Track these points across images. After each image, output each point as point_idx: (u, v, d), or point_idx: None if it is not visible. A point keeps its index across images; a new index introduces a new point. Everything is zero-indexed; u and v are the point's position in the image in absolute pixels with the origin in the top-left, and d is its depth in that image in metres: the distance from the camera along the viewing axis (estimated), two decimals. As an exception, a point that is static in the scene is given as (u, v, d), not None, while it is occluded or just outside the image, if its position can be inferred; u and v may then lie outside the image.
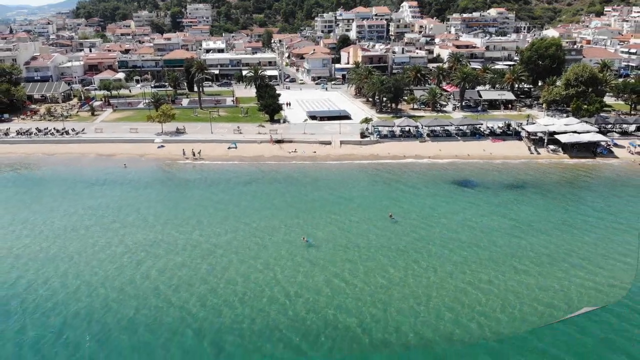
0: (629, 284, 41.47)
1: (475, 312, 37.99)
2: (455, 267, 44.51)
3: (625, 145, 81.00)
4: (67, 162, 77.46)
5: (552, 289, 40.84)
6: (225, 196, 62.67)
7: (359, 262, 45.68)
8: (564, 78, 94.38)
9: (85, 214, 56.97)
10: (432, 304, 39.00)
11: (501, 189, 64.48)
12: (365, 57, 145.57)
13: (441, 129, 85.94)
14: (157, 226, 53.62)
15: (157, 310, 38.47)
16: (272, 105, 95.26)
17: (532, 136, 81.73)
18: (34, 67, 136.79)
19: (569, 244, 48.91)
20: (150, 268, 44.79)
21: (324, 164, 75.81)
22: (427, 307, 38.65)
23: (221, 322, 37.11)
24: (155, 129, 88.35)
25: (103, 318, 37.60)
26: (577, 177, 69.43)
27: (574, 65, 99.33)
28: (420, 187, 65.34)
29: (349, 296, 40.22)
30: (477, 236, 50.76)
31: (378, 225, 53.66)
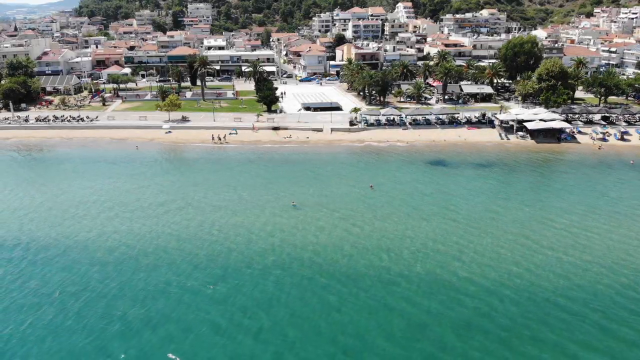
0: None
1: (414, 248, 46.88)
2: (409, 218, 54.32)
3: (588, 132, 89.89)
4: (84, 145, 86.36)
5: (477, 241, 49.66)
6: (227, 171, 71.50)
7: (334, 216, 54.63)
8: (537, 73, 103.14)
9: (109, 184, 65.82)
10: (378, 240, 49.27)
11: (468, 167, 73.56)
12: (358, 55, 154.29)
13: (422, 118, 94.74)
14: (172, 191, 62.49)
15: (176, 250, 47.17)
16: (269, 97, 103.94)
17: (504, 124, 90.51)
18: (45, 61, 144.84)
19: (511, 209, 57.72)
20: (171, 221, 53.55)
21: (316, 147, 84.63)
22: (379, 245, 48.29)
23: (229, 252, 45.79)
24: (162, 117, 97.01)
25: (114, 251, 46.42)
26: (536, 158, 78.43)
27: (545, 61, 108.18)
28: (398, 166, 74.32)
29: (318, 237, 48.96)
30: (437, 200, 59.93)
31: (359, 192, 62.48)
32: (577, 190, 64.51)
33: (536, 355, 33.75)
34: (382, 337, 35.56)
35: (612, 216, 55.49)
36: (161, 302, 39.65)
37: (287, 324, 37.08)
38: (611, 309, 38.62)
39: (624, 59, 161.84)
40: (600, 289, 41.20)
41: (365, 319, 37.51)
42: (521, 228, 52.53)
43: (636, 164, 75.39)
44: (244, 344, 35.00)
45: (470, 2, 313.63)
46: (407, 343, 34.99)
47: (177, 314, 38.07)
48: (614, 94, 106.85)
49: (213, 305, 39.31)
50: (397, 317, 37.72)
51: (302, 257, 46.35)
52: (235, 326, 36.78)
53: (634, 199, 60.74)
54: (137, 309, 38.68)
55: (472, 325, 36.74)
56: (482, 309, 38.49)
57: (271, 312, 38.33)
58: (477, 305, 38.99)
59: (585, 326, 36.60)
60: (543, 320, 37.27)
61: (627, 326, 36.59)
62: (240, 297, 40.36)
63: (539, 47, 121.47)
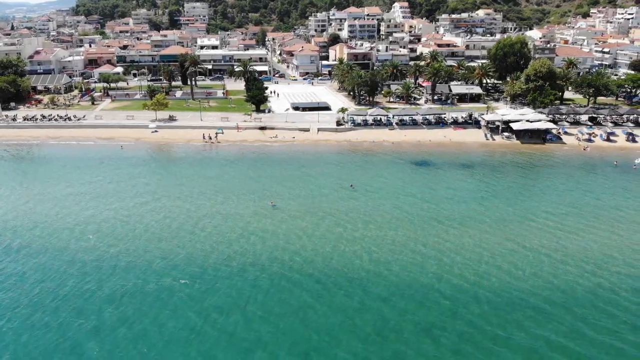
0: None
1: (392, 247, 46.92)
2: (388, 217, 54.62)
3: (574, 133, 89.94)
4: (69, 144, 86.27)
5: (457, 240, 49.70)
6: (208, 171, 71.47)
7: (313, 216, 54.71)
8: (525, 73, 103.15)
9: (88, 184, 65.71)
10: (356, 239, 49.55)
11: (451, 167, 73.62)
12: (350, 55, 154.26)
13: (409, 118, 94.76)
14: (152, 191, 62.45)
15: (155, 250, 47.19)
16: (257, 97, 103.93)
17: (490, 125, 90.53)
18: (37, 60, 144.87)
19: (492, 209, 57.76)
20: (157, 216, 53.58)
21: (301, 147, 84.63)
22: (356, 244, 48.13)
23: (206, 249, 45.82)
24: (150, 116, 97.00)
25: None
26: (520, 158, 78.41)
27: (534, 61, 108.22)
28: (382, 166, 74.36)
29: (295, 237, 49.00)
30: (418, 200, 59.92)
31: (340, 192, 62.47)
32: (560, 191, 64.56)
33: (509, 356, 33.81)
34: (355, 337, 35.58)
35: (594, 217, 55.56)
36: (138, 300, 39.80)
37: (262, 322, 37.19)
38: (585, 309, 38.65)
39: (617, 60, 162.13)
40: (577, 289, 41.21)
41: (340, 318, 37.51)
42: (501, 228, 52.58)
43: (620, 165, 75.43)
44: (219, 341, 35.22)
45: (467, 2, 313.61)
46: (380, 342, 35.01)
47: (153, 312, 38.25)
48: (602, 94, 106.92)
49: (189, 303, 39.39)
50: (372, 316, 37.69)
51: (279, 257, 46.28)
52: (209, 324, 36.92)
53: (615, 200, 60.79)
54: (113, 307, 38.92)
55: (446, 325, 36.78)
56: (457, 309, 38.45)
57: (247, 311, 38.47)
58: (452, 305, 38.99)
59: (558, 326, 36.62)
60: (517, 320, 37.30)
61: (600, 326, 36.70)
62: (217, 295, 40.48)
63: (528, 47, 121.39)
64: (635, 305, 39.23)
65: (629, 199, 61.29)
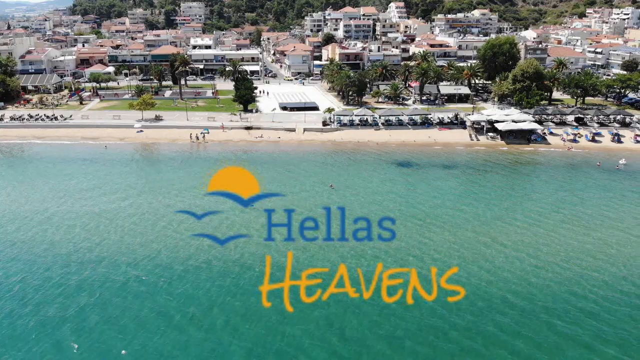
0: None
1: (367, 247, 46.88)
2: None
3: (560, 133, 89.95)
4: (54, 144, 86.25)
5: (437, 239, 49.74)
6: (188, 170, 71.53)
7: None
8: (512, 74, 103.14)
9: (67, 183, 65.83)
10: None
11: (434, 167, 73.69)
12: (342, 54, 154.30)
13: (395, 119, 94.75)
14: (131, 191, 62.56)
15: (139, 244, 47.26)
16: (245, 96, 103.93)
17: (476, 125, 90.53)
18: (29, 60, 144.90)
19: (472, 209, 57.78)
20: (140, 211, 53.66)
21: (286, 147, 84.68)
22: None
23: (184, 251, 45.99)
24: (136, 116, 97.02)
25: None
26: (504, 159, 78.41)
27: (521, 62, 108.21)
28: (365, 166, 74.37)
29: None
30: (397, 199, 59.89)
31: (319, 192, 62.45)
32: (540, 191, 64.77)
33: (487, 354, 33.96)
34: (310, 337, 35.64)
35: (574, 217, 55.59)
36: (118, 297, 40.25)
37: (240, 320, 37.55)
38: (561, 308, 38.79)
39: (610, 60, 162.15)
40: (550, 289, 41.26)
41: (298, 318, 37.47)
42: (479, 227, 52.62)
43: (603, 165, 75.44)
44: (195, 337, 35.62)
45: (463, 2, 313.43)
46: (339, 345, 35.11)
47: (133, 308, 38.77)
48: (590, 94, 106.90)
49: (167, 299, 39.88)
50: (335, 316, 37.72)
51: (256, 256, 46.32)
52: (187, 320, 37.50)
53: (596, 201, 60.76)
54: (94, 303, 39.44)
55: (422, 324, 36.95)
56: (435, 308, 38.33)
57: (224, 309, 38.88)
58: (428, 304, 38.65)
59: (534, 324, 36.84)
60: (494, 319, 37.41)
61: (575, 325, 36.93)
62: (181, 292, 40.72)
63: (517, 47, 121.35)
64: (604, 305, 39.32)
65: (610, 199, 61.18)
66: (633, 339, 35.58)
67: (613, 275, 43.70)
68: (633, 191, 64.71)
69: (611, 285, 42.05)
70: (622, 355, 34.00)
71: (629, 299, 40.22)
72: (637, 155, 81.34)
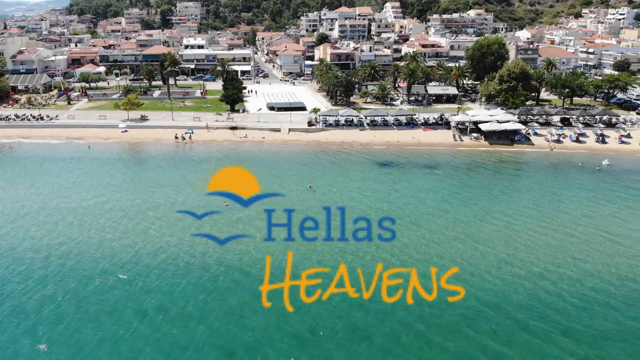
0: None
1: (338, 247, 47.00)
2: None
3: (545, 133, 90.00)
4: (38, 143, 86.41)
5: (413, 235, 49.85)
6: (168, 170, 71.69)
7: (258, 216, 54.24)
8: (498, 74, 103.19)
9: (46, 182, 66.02)
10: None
11: (415, 167, 73.81)
12: (333, 55, 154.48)
13: (380, 119, 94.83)
14: (111, 191, 62.71)
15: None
16: (232, 96, 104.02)
17: (460, 125, 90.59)
18: (20, 60, 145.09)
19: (449, 208, 57.90)
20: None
21: (269, 148, 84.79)
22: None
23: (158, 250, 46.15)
24: (122, 116, 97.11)
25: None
26: (486, 159, 78.47)
27: (507, 62, 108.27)
28: (347, 166, 74.46)
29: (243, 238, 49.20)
30: (374, 199, 59.94)
31: (297, 193, 62.48)
32: (519, 191, 64.98)
33: (458, 351, 34.20)
34: (281, 337, 35.82)
35: (549, 217, 55.66)
36: (96, 294, 40.74)
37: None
38: (534, 308, 39.00)
39: (602, 60, 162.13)
40: (519, 291, 41.31)
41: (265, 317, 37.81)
42: (455, 226, 52.80)
43: (585, 165, 75.49)
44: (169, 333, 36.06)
45: (459, 2, 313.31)
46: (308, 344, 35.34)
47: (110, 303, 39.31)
48: (577, 95, 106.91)
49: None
50: (303, 315, 37.71)
51: (227, 256, 46.53)
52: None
53: (575, 201, 60.82)
54: (71, 298, 40.02)
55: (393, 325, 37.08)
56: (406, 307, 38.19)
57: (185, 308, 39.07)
58: (396, 304, 38.57)
59: (507, 324, 37.09)
60: (468, 318, 37.63)
61: (548, 324, 37.13)
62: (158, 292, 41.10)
63: (506, 47, 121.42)
64: (573, 307, 39.42)
65: (590, 199, 61.22)
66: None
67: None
68: (613, 191, 64.79)
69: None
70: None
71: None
72: (620, 156, 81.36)
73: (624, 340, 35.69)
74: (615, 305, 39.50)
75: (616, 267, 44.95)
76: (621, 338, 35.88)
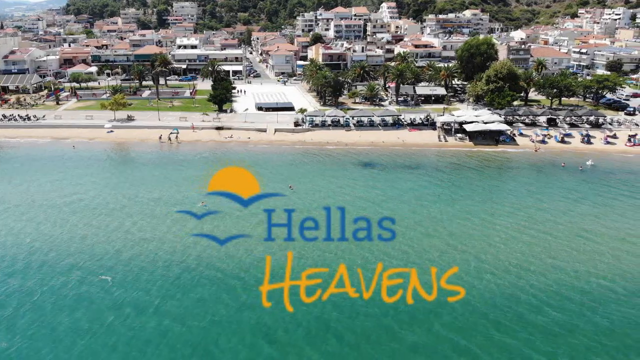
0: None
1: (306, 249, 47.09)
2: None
3: (530, 134, 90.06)
4: (25, 144, 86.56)
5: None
6: (150, 170, 71.86)
7: (238, 216, 54.70)
8: (486, 74, 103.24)
9: (28, 181, 66.24)
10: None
11: (397, 168, 73.94)
12: (325, 55, 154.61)
13: (367, 120, 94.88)
14: (91, 191, 62.90)
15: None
16: (219, 96, 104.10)
17: (446, 126, 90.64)
18: (12, 60, 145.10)
19: (424, 208, 58.01)
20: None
21: (254, 148, 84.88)
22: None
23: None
24: (109, 116, 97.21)
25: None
26: (470, 160, 78.51)
27: (494, 62, 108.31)
28: (329, 166, 74.65)
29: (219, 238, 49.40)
30: (353, 199, 60.09)
31: (278, 193, 62.41)
32: (501, 191, 65.28)
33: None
34: (262, 337, 36.16)
35: (527, 217, 55.87)
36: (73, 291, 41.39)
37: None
38: (504, 309, 39.19)
39: (595, 60, 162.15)
40: (496, 293, 41.47)
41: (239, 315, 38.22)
42: (433, 226, 53.04)
43: (567, 166, 75.56)
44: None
45: (455, 2, 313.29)
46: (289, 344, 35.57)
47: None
48: (564, 95, 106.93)
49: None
50: (276, 314, 37.74)
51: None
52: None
53: (554, 201, 60.91)
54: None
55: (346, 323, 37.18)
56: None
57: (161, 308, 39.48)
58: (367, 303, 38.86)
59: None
60: (443, 318, 37.82)
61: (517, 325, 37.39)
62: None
63: (495, 48, 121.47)
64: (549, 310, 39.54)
65: (569, 200, 61.27)
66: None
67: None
68: (593, 191, 64.90)
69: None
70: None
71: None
72: (605, 156, 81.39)
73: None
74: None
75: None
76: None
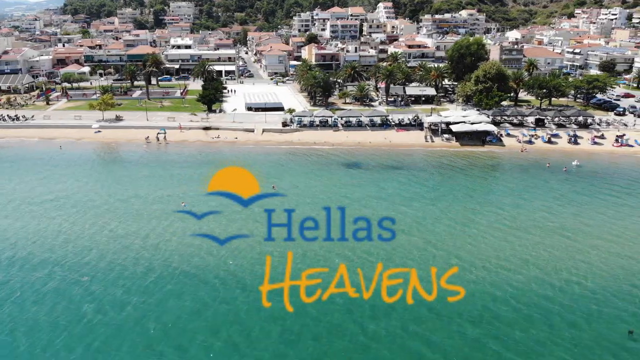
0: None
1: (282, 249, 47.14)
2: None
3: (517, 134, 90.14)
4: (12, 144, 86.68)
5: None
6: (135, 170, 72.08)
7: (221, 218, 54.75)
8: (474, 75, 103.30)
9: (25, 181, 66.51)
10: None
11: (382, 168, 74.14)
12: (318, 55, 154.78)
13: (355, 120, 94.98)
14: (76, 191, 63.05)
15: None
16: (208, 96, 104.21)
17: (433, 126, 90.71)
18: (5, 60, 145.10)
19: (414, 208, 58.08)
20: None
21: (241, 148, 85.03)
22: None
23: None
24: (98, 116, 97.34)
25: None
26: (455, 160, 78.54)
27: (483, 63, 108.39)
28: (314, 166, 74.78)
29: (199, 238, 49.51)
30: (337, 198, 60.17)
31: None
32: (484, 192, 65.42)
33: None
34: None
35: (510, 217, 55.93)
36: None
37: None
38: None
39: (588, 61, 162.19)
40: (472, 294, 41.44)
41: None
42: (415, 227, 53.14)
43: (552, 166, 75.59)
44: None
45: (452, 2, 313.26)
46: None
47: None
48: (554, 95, 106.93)
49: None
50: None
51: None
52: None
53: (537, 201, 61.01)
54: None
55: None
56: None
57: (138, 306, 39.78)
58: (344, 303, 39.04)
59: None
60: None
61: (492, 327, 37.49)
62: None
63: (485, 48, 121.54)
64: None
65: (550, 200, 61.33)
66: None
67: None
68: (576, 192, 64.97)
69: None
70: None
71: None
72: (591, 157, 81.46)
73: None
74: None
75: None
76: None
